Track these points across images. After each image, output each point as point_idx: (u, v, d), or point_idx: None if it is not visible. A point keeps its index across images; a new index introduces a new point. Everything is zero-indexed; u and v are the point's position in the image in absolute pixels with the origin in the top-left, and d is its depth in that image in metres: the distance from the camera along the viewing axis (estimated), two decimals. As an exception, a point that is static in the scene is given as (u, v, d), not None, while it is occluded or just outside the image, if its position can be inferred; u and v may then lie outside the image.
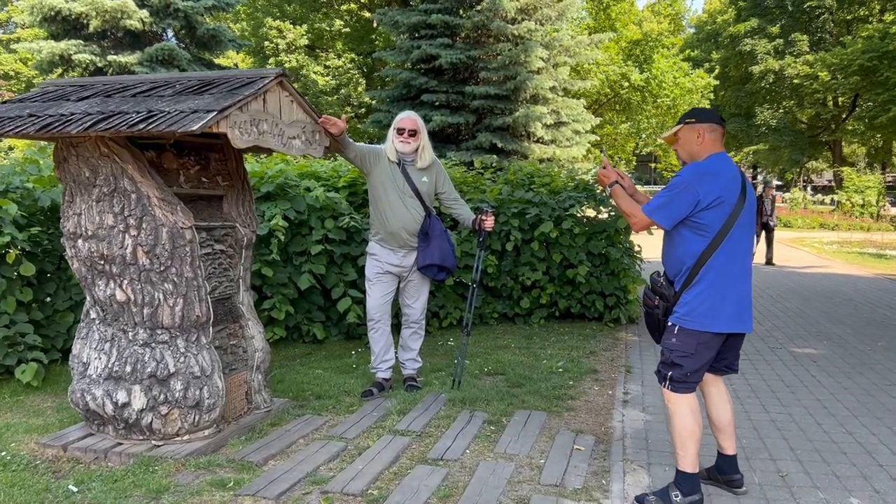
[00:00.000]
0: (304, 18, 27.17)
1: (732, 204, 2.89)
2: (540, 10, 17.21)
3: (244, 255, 4.01)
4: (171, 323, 3.50)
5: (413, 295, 4.61)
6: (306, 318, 5.90)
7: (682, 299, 2.97)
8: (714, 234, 2.88)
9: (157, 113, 3.21)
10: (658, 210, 2.96)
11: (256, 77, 3.57)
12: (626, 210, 3.08)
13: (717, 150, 3.03)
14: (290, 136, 3.75)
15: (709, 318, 2.91)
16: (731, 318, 2.93)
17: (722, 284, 2.91)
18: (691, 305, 2.93)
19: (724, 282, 2.91)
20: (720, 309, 2.91)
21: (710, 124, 3.03)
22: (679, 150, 3.13)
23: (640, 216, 3.01)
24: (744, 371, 5.28)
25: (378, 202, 4.45)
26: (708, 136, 3.02)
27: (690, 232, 2.94)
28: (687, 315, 2.94)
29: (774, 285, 10.41)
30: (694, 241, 2.93)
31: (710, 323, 2.91)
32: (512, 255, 6.68)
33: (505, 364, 5.25)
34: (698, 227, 2.91)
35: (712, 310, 2.90)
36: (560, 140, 17.78)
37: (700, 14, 49.39)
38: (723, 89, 35.97)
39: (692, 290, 2.94)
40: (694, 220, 2.91)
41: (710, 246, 2.89)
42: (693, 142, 3.04)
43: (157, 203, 3.43)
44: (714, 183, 2.88)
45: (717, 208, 2.87)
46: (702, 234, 2.91)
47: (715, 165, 2.96)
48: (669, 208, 2.93)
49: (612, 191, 3.19)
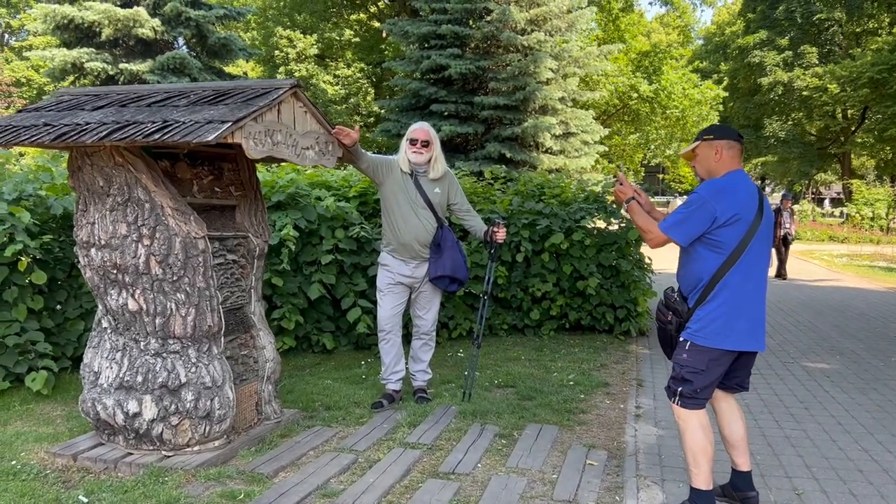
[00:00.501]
0: (314, 28, 27.30)
1: (749, 221, 2.88)
2: (549, 21, 17.24)
3: (256, 265, 4.00)
4: (182, 333, 3.49)
5: (424, 306, 4.59)
6: (316, 328, 5.89)
7: (696, 315, 2.96)
8: (730, 252, 2.87)
9: (173, 123, 3.21)
10: (674, 227, 2.94)
11: (271, 88, 3.57)
12: (643, 226, 3.07)
13: (735, 167, 3.02)
14: (304, 147, 3.74)
15: (721, 336, 2.89)
16: (744, 336, 2.91)
17: (736, 302, 2.89)
18: (704, 322, 2.92)
19: (738, 299, 2.89)
20: (733, 326, 2.89)
21: (728, 141, 3.02)
22: (697, 166, 3.12)
23: (657, 233, 3.00)
24: (756, 386, 5.24)
25: (390, 213, 4.44)
26: (726, 153, 3.01)
27: (706, 249, 2.92)
28: (699, 331, 2.93)
29: (785, 298, 10.34)
30: (709, 257, 2.91)
31: (722, 340, 2.90)
32: (522, 267, 6.66)
33: (515, 376, 5.22)
34: (714, 244, 2.90)
35: (725, 327, 2.89)
36: (569, 150, 17.78)
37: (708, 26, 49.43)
38: (731, 101, 35.94)
39: (706, 306, 2.93)
40: (710, 237, 2.89)
41: (726, 263, 2.88)
42: (711, 158, 3.03)
43: (171, 213, 3.43)
44: (731, 200, 2.87)
45: (733, 225, 2.86)
46: (717, 252, 2.89)
47: (732, 182, 2.95)
48: (686, 225, 2.92)
49: (629, 207, 3.17)
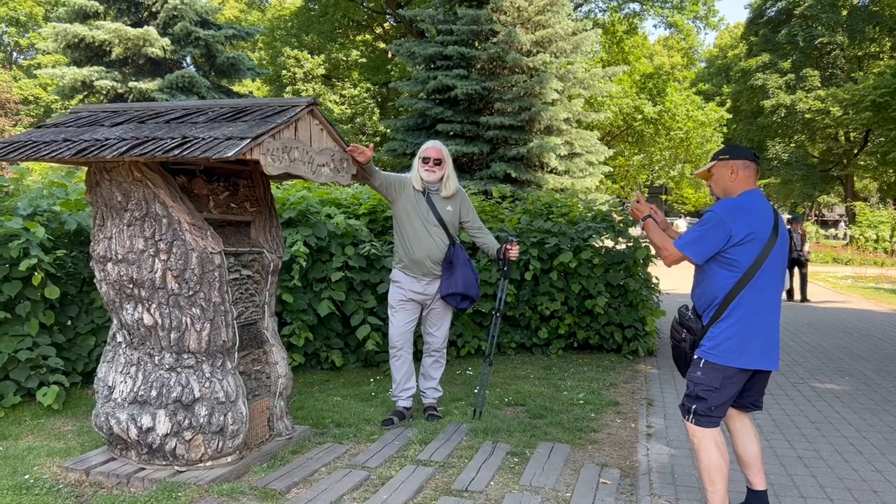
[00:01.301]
0: (321, 48, 27.57)
1: (764, 240, 2.90)
2: (555, 42, 17.39)
3: (270, 281, 4.02)
4: (197, 348, 3.50)
5: (435, 323, 4.60)
6: (325, 344, 5.89)
7: (710, 333, 2.97)
8: (745, 270, 2.90)
9: (192, 139, 3.24)
10: (690, 245, 2.97)
11: (288, 105, 3.61)
12: (659, 244, 3.10)
13: (751, 187, 3.05)
14: (320, 164, 3.78)
15: (735, 354, 2.90)
16: (758, 354, 2.92)
17: (750, 321, 2.91)
18: (718, 340, 2.93)
19: (752, 318, 2.91)
20: (747, 345, 2.90)
21: (744, 161, 3.06)
22: (713, 185, 3.15)
23: (672, 250, 3.02)
24: (767, 406, 5.22)
25: (403, 230, 4.46)
26: (741, 173, 3.04)
27: (721, 267, 2.95)
28: (713, 349, 2.94)
29: (792, 319, 10.33)
30: (724, 276, 2.94)
31: (736, 358, 2.91)
32: (530, 285, 6.67)
33: (525, 395, 5.21)
34: (729, 263, 2.92)
35: (739, 345, 2.90)
36: (574, 171, 17.85)
37: (711, 48, 49.81)
38: (734, 123, 36.11)
39: (720, 324, 2.94)
40: (725, 255, 2.92)
41: (741, 282, 2.90)
42: (727, 178, 3.07)
43: (188, 228, 3.45)
44: (747, 219, 2.90)
45: (748, 244, 2.88)
46: (732, 270, 2.92)
47: (748, 202, 2.98)
48: (701, 243, 2.94)
49: (645, 225, 3.21)
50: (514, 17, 17.07)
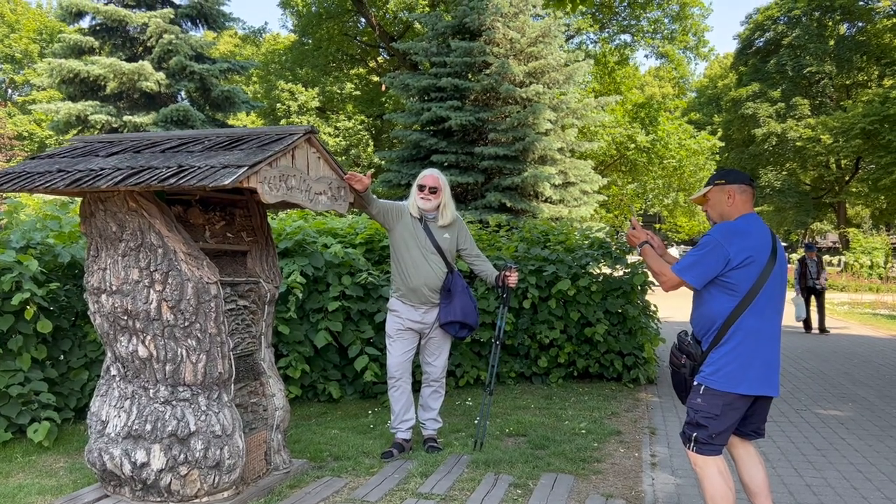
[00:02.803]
0: (315, 82, 27.79)
1: (763, 264, 2.87)
2: (548, 73, 17.56)
3: (267, 311, 3.97)
4: (193, 380, 3.43)
5: (434, 352, 4.54)
6: (322, 376, 5.81)
7: (709, 359, 2.93)
8: (743, 294, 2.86)
9: (188, 168, 3.21)
10: (688, 269, 2.94)
11: (286, 133, 3.59)
12: (656, 269, 3.07)
13: (748, 211, 3.04)
14: (317, 192, 3.75)
15: (735, 380, 2.86)
16: (758, 380, 2.88)
17: (750, 345, 2.87)
18: (718, 365, 2.89)
19: (752, 343, 2.87)
20: (747, 370, 2.86)
21: (741, 185, 3.05)
22: (709, 210, 3.14)
23: (670, 275, 3.00)
24: (771, 433, 5.15)
25: (400, 258, 4.42)
26: (738, 197, 3.03)
27: (719, 291, 2.92)
28: (713, 375, 2.89)
29: (791, 346, 10.27)
30: (723, 300, 2.90)
31: (736, 384, 2.86)
32: (529, 313, 6.61)
33: (526, 425, 5.13)
34: (728, 287, 2.89)
35: (739, 371, 2.86)
36: (568, 200, 17.90)
37: (702, 79, 50.42)
38: (727, 151, 36.42)
39: (719, 349, 2.90)
40: (723, 279, 2.89)
41: (740, 306, 2.87)
42: (723, 202, 3.05)
43: (184, 258, 3.41)
44: (744, 242, 2.88)
45: (746, 268, 2.86)
46: (731, 294, 2.89)
47: (746, 225, 2.96)
48: (699, 267, 2.92)
49: (643, 251, 3.18)
50: (506, 48, 17.25)
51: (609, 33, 27.44)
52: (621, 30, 27.07)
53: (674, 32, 27.11)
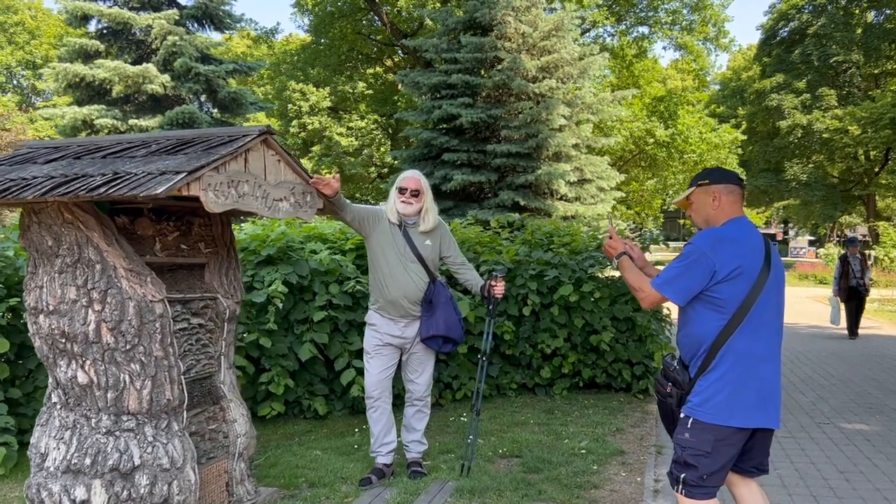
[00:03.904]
0: (327, 81, 27.55)
1: (754, 275, 2.50)
2: (561, 68, 17.09)
3: (227, 329, 3.64)
4: (138, 408, 3.13)
5: (416, 369, 4.20)
6: (307, 391, 5.49)
7: (697, 387, 2.56)
8: (733, 312, 2.49)
9: (123, 175, 2.90)
10: (669, 283, 2.57)
11: (239, 135, 3.27)
12: (634, 284, 2.71)
13: (736, 214, 2.66)
14: (277, 199, 3.42)
15: (727, 410, 2.48)
16: (755, 410, 2.50)
17: (743, 370, 2.50)
18: (707, 394, 2.52)
19: (746, 367, 2.50)
20: (741, 399, 2.49)
21: (727, 185, 2.66)
22: (693, 215, 2.76)
23: (649, 290, 2.62)
24: (788, 452, 4.74)
25: (377, 268, 4.09)
26: (724, 198, 2.65)
27: (706, 308, 2.54)
28: (702, 405, 2.52)
29: (814, 349, 9.78)
30: (711, 318, 2.53)
31: (728, 416, 2.48)
32: (531, 321, 6.23)
33: (522, 444, 4.76)
34: (715, 303, 2.51)
35: (732, 400, 2.49)
36: (584, 197, 17.43)
37: (724, 71, 49.46)
38: (750, 144, 35.59)
39: (709, 375, 2.53)
40: (710, 294, 2.52)
41: (730, 324, 2.49)
42: (708, 205, 2.67)
43: (125, 274, 3.10)
44: (733, 251, 2.51)
45: (735, 280, 2.49)
46: (719, 311, 2.51)
47: (734, 231, 2.59)
48: (681, 281, 2.54)
49: (619, 263, 2.81)
50: (518, 43, 16.82)
51: (626, 25, 26.86)
52: (638, 21, 26.47)
53: (693, 23, 26.43)
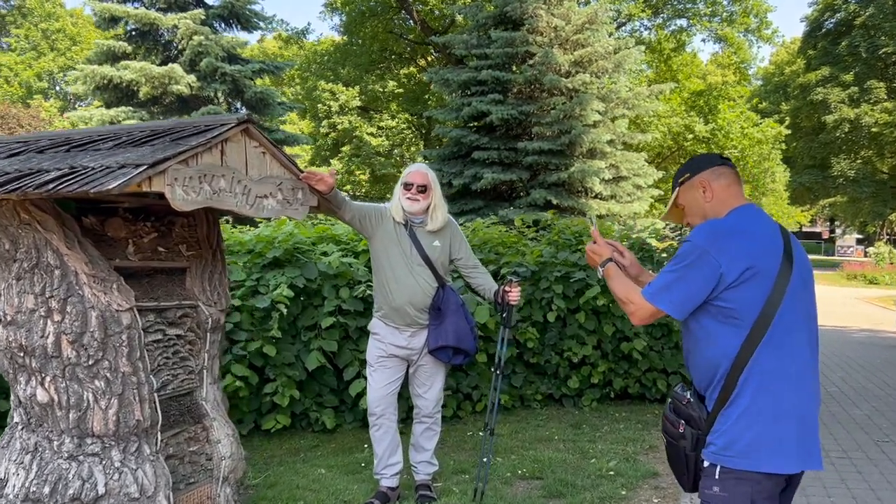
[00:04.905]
0: (357, 81, 27.35)
1: (773, 275, 1.97)
2: (595, 62, 16.56)
3: (210, 340, 3.31)
4: (103, 430, 2.80)
5: (425, 383, 3.81)
6: (315, 403, 5.14)
7: (719, 424, 2.01)
8: (752, 322, 1.96)
9: (79, 170, 2.58)
10: (662, 293, 2.02)
11: (216, 124, 2.92)
12: (621, 295, 2.15)
13: (738, 201, 2.12)
14: (261, 195, 3.06)
15: (760, 452, 1.94)
16: (795, 448, 1.95)
17: (773, 395, 1.96)
18: (733, 433, 1.97)
19: (776, 391, 1.96)
20: (776, 435, 1.95)
21: (712, 170, 2.15)
22: (690, 220, 2.22)
23: (639, 302, 2.07)
24: (843, 475, 4.24)
25: (381, 271, 3.71)
26: (716, 185, 2.14)
27: (717, 322, 2.01)
28: (729, 448, 1.97)
29: (866, 355, 9.13)
30: (724, 334, 1.99)
31: (766, 458, 1.93)
32: (557, 327, 5.80)
33: (544, 464, 4.34)
34: (727, 314, 1.98)
35: (764, 438, 1.95)
36: (620, 195, 16.87)
37: (767, 66, 48.09)
38: (794, 140, 34.44)
39: (732, 408, 1.98)
40: (718, 303, 1.99)
41: (750, 340, 1.96)
42: (700, 201, 2.16)
43: (87, 281, 2.77)
44: (741, 246, 1.97)
45: (750, 283, 1.95)
46: (734, 324, 1.98)
47: (740, 222, 2.05)
48: (679, 288, 2.00)
49: (605, 271, 2.26)
50: (550, 37, 16.34)
51: (663, 18, 26.10)
52: (676, 14, 25.69)
53: (733, 14, 25.54)
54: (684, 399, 2.11)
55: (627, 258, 2.37)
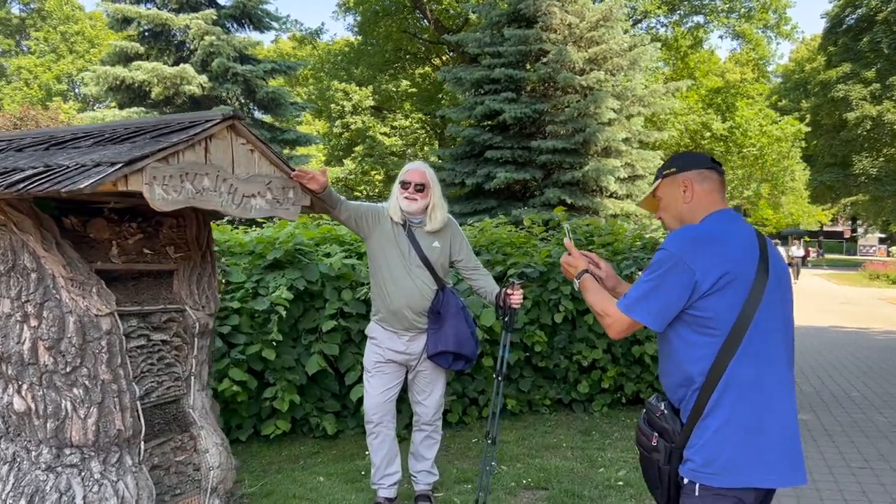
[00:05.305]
0: (370, 80, 27.26)
1: (748, 282, 1.91)
2: (610, 59, 16.34)
3: (198, 346, 3.18)
4: (82, 440, 2.68)
5: (424, 389, 3.67)
6: (316, 407, 5.01)
7: (695, 438, 1.93)
8: (728, 331, 1.89)
9: (54, 169, 2.46)
10: (639, 304, 1.96)
11: (200, 120, 2.80)
12: (597, 308, 2.09)
13: (716, 206, 2.07)
14: (248, 195, 2.93)
15: (741, 466, 1.87)
16: (775, 462, 1.87)
17: (752, 407, 1.88)
18: (711, 448, 1.89)
19: (754, 402, 1.89)
20: (756, 448, 1.87)
21: (699, 171, 2.09)
22: (663, 216, 2.17)
23: (616, 315, 2.01)
24: (865, 486, 4.04)
25: (378, 273, 3.58)
26: (698, 188, 2.08)
27: (692, 331, 1.95)
28: (709, 466, 1.89)
29: (890, 359, 8.87)
30: (700, 344, 1.93)
31: (746, 473, 1.86)
32: (567, 330, 5.63)
33: (550, 473, 4.19)
34: (702, 323, 1.92)
35: (746, 449, 1.87)
36: (636, 194, 16.62)
37: (787, 63, 47.47)
38: (815, 138, 33.92)
39: (708, 421, 1.91)
40: (693, 312, 1.93)
41: (725, 349, 1.89)
42: (678, 199, 2.11)
43: (64, 284, 2.65)
44: (716, 253, 1.92)
45: (725, 291, 1.89)
46: (709, 334, 1.91)
47: (715, 228, 2.00)
48: (655, 299, 1.94)
49: (581, 283, 2.21)
50: (564, 34, 16.14)
51: (680, 15, 25.75)
52: (693, 10, 25.34)
53: (751, 10, 25.14)
54: (658, 411, 2.04)
55: (603, 269, 2.33)
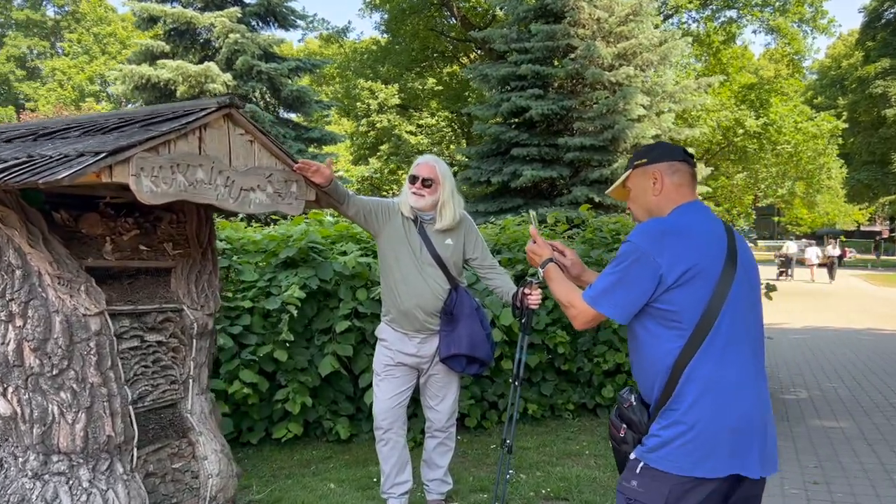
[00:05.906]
0: (396, 79, 27.13)
1: (715, 276, 1.90)
2: (640, 55, 15.99)
3: (196, 347, 3.03)
4: (70, 446, 2.55)
5: (437, 394, 3.48)
6: (329, 410, 4.85)
7: (656, 425, 1.95)
8: (693, 326, 1.89)
9: (36, 159, 2.33)
10: (604, 296, 1.97)
11: (194, 109, 2.65)
12: (562, 299, 2.11)
13: (685, 199, 2.07)
14: (247, 188, 2.77)
15: (690, 457, 1.87)
16: (727, 455, 1.87)
17: (712, 402, 1.89)
18: (665, 436, 1.91)
19: (714, 398, 1.89)
20: (710, 441, 1.88)
21: (670, 163, 2.08)
22: (632, 207, 2.16)
23: (581, 307, 2.02)
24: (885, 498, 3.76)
25: (389, 272, 3.40)
26: (668, 181, 2.07)
27: (657, 325, 1.95)
28: (658, 449, 1.92)
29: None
30: (664, 338, 1.93)
31: (691, 464, 1.87)
32: (591, 332, 5.41)
33: (571, 482, 3.97)
34: (667, 317, 1.92)
35: (697, 443, 1.88)
36: (666, 193, 16.27)
37: (823, 59, 46.41)
38: (852, 135, 33.07)
39: (668, 412, 1.93)
40: (659, 305, 1.93)
41: (690, 344, 1.89)
42: (648, 191, 2.10)
43: (51, 282, 2.52)
44: (682, 246, 1.91)
45: (690, 284, 1.89)
46: (674, 328, 1.92)
47: (682, 221, 1.99)
48: (619, 292, 1.95)
49: (545, 272, 2.23)
50: (593, 29, 15.83)
51: (712, 10, 25.19)
52: (725, 4, 24.75)
53: (787, 4, 24.49)
54: (627, 402, 2.06)
55: (569, 257, 2.35)
